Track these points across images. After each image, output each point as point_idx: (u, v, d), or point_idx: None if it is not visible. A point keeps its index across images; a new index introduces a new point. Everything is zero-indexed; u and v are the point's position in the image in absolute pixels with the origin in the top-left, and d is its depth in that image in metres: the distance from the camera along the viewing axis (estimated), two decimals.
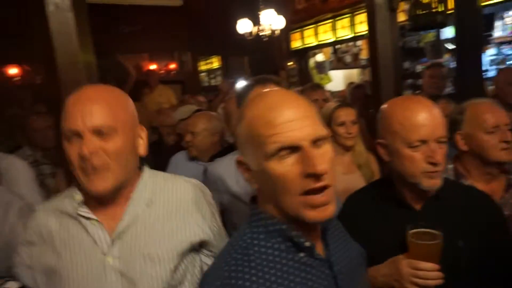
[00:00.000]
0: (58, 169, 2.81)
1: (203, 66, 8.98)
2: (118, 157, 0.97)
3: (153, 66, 7.24)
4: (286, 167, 0.76)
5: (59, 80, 1.64)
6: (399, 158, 1.17)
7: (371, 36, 2.45)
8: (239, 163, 0.85)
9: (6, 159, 2.42)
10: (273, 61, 7.47)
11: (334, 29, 6.37)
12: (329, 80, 7.15)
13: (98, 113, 0.96)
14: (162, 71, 7.46)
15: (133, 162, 1.04)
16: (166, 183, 1.11)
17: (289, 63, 7.26)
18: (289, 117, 0.77)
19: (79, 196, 1.03)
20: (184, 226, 1.07)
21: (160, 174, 1.15)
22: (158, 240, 1.04)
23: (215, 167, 1.76)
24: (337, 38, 6.39)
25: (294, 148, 0.76)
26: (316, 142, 0.77)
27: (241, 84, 6.63)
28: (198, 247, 1.11)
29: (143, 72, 6.77)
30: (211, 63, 9.11)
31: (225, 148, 2.27)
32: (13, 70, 5.78)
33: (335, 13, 6.19)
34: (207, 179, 1.73)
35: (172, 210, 1.08)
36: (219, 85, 6.43)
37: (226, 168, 1.64)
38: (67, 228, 1.05)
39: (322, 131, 0.79)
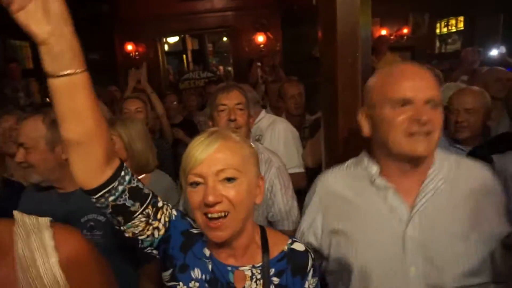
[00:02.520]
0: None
1: (438, 29, 7.88)
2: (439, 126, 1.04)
3: (383, 32, 6.84)
4: None
5: (336, 50, 1.61)
6: None
7: None
8: None
9: (275, 121, 2.67)
10: None
11: None
12: None
13: (428, 86, 1.03)
14: (392, 37, 6.96)
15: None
16: (460, 165, 1.12)
17: None
18: None
19: (376, 167, 1.12)
20: (483, 213, 1.06)
21: (452, 155, 1.16)
22: (461, 218, 1.05)
23: (506, 162, 1.43)
24: None
25: None
26: None
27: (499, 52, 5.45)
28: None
29: (372, 39, 6.47)
30: (450, 25, 7.88)
31: (498, 138, 1.84)
32: (260, 38, 6.55)
33: None
34: None
35: (469, 193, 1.08)
36: (462, 53, 5.45)
37: None
38: (360, 194, 1.13)
39: None
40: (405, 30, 7.11)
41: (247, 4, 6.72)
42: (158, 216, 0.98)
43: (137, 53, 6.86)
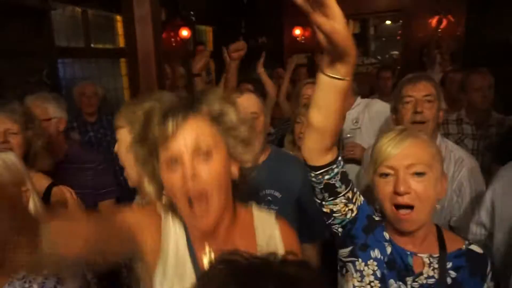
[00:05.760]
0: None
1: None
2: None
3: None
4: None
5: None
6: None
7: None
8: None
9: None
10: None
11: None
12: None
13: None
14: None
15: None
16: None
17: None
18: None
19: None
20: None
21: None
22: None
23: None
24: None
25: None
26: None
27: None
28: None
29: None
30: None
31: None
32: (437, 22, 5.88)
33: None
34: None
35: None
36: None
37: None
38: None
39: None
40: None
41: None
42: (354, 200, 1.11)
43: (303, 38, 7.02)
